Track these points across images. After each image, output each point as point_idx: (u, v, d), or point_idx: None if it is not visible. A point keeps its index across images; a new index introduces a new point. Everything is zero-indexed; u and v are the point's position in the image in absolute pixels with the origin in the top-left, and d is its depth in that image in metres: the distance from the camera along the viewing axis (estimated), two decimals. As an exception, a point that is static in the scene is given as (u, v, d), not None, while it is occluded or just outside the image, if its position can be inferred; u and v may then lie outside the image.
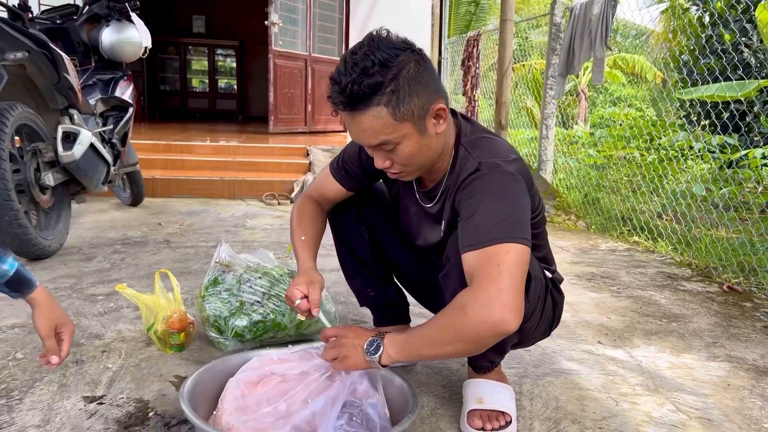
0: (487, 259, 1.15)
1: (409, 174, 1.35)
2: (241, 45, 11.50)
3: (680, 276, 2.98)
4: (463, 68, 7.02)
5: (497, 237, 1.16)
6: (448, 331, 1.15)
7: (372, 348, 1.23)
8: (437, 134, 1.29)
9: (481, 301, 1.10)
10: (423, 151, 1.28)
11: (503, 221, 1.18)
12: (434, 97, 1.25)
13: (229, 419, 1.23)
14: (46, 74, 2.80)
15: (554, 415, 1.53)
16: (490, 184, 1.24)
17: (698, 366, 1.88)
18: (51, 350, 1.31)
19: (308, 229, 1.56)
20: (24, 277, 1.30)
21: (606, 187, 5.25)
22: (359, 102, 1.19)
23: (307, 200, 1.61)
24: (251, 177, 5.11)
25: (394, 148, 1.26)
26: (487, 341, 1.15)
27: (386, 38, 1.22)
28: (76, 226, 3.52)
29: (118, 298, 2.25)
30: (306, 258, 1.52)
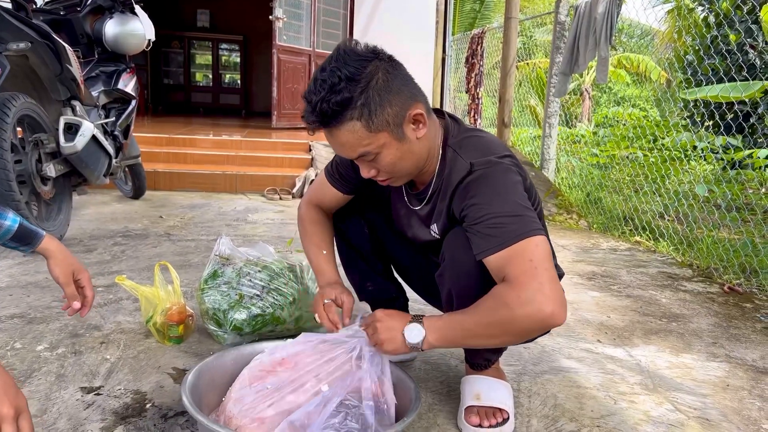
0: (517, 256, 1.15)
1: (398, 180, 1.35)
2: (245, 40, 11.50)
3: (681, 276, 2.97)
4: (466, 66, 7.01)
5: (519, 234, 1.16)
6: (494, 327, 1.15)
7: (413, 333, 1.22)
8: (418, 139, 1.27)
9: (525, 298, 1.11)
10: (406, 157, 1.27)
11: (517, 217, 1.18)
12: (409, 102, 1.23)
13: (232, 408, 1.23)
14: (48, 65, 2.79)
15: (552, 412, 1.53)
16: (489, 183, 1.24)
17: (697, 366, 1.88)
18: (72, 296, 1.36)
19: (325, 240, 1.57)
20: (29, 229, 1.32)
21: (608, 186, 5.24)
22: (331, 119, 1.19)
23: (312, 208, 1.61)
24: (253, 171, 5.11)
25: (376, 158, 1.25)
26: (536, 334, 1.22)
27: (352, 50, 1.20)
28: (78, 217, 3.53)
29: (117, 289, 2.25)
30: (332, 273, 1.52)
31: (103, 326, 1.93)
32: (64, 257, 1.35)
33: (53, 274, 1.33)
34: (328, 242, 1.58)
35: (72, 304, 1.37)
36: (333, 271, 1.53)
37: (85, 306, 1.39)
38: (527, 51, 9.07)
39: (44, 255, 1.35)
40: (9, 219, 1.29)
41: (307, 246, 1.58)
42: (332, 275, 1.52)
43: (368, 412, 1.23)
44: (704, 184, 4.43)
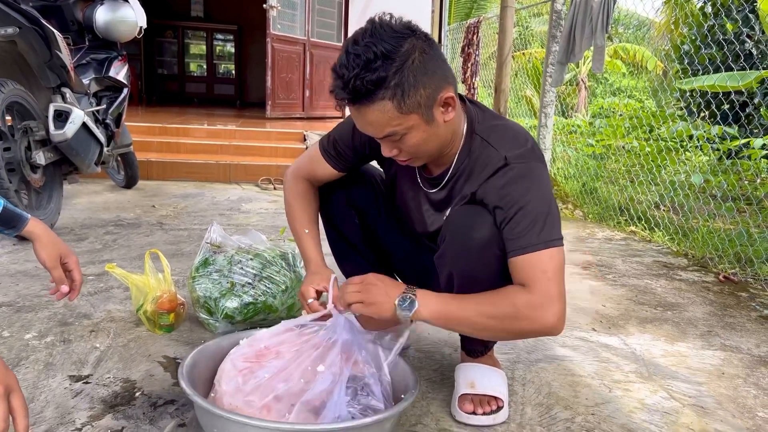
0: (534, 266, 1.18)
1: (418, 161, 1.33)
2: (239, 29, 11.42)
3: (676, 265, 2.96)
4: (462, 56, 6.97)
5: (541, 242, 1.19)
6: (494, 321, 1.19)
7: (406, 303, 1.20)
8: (446, 122, 1.24)
9: (536, 304, 1.16)
10: (431, 139, 1.25)
11: (545, 224, 1.20)
12: (442, 85, 1.20)
13: (231, 401, 1.20)
14: (37, 51, 2.75)
15: (546, 400, 1.51)
16: (524, 183, 1.23)
17: (692, 354, 1.87)
18: (59, 280, 1.33)
19: (309, 218, 1.53)
20: (13, 212, 1.30)
21: (604, 177, 5.23)
22: (363, 97, 1.15)
23: (300, 181, 1.56)
24: (247, 161, 5.07)
25: (402, 138, 1.22)
26: (529, 336, 1.27)
27: (389, 25, 1.16)
28: (69, 207, 3.49)
29: (108, 278, 2.23)
30: (314, 251, 1.49)
31: (93, 315, 1.91)
32: (50, 240, 1.32)
33: (39, 258, 1.31)
34: (312, 219, 1.54)
35: (60, 288, 1.34)
36: (315, 252, 1.49)
37: (74, 290, 1.37)
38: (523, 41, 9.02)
39: (30, 238, 1.32)
40: None
41: (291, 223, 1.55)
42: (315, 257, 1.49)
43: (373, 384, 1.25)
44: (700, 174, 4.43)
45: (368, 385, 1.26)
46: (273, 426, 1.11)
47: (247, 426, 1.11)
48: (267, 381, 1.23)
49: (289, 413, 1.19)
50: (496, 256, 1.25)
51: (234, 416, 1.11)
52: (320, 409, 1.20)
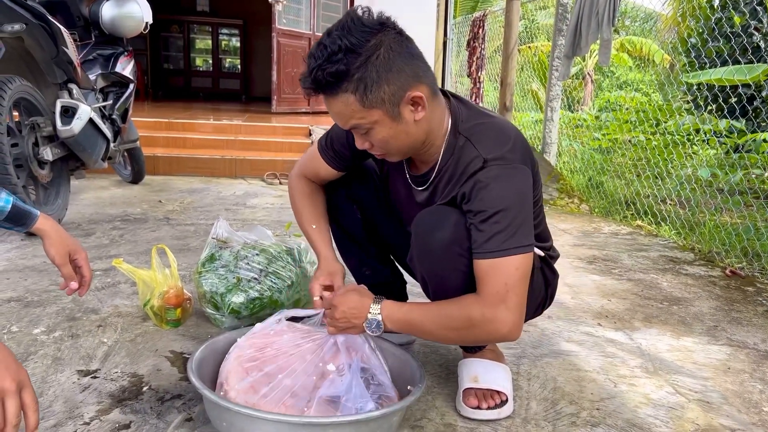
0: (497, 273, 1.19)
1: (393, 156, 1.32)
2: (245, 24, 11.42)
3: (683, 260, 2.96)
4: (468, 49, 6.95)
5: (507, 248, 1.19)
6: (452, 332, 1.24)
7: (373, 326, 1.27)
8: (416, 121, 1.23)
9: (489, 316, 1.19)
10: (400, 137, 1.24)
11: (513, 229, 1.19)
12: (410, 83, 1.19)
13: (246, 399, 1.21)
14: (44, 47, 2.76)
15: (552, 395, 1.52)
16: (498, 186, 1.21)
17: (698, 349, 1.87)
18: (69, 276, 1.35)
19: (317, 215, 1.54)
20: (22, 209, 1.31)
21: (610, 171, 5.21)
22: (326, 88, 1.17)
23: (302, 180, 1.57)
24: (253, 156, 5.08)
25: (368, 132, 1.23)
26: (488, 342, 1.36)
27: (360, 19, 1.16)
28: (76, 202, 3.51)
29: (115, 273, 2.24)
30: (323, 247, 1.51)
31: (101, 310, 1.92)
32: (60, 237, 1.33)
33: (49, 255, 1.32)
34: (319, 214, 1.55)
35: (69, 285, 1.35)
36: (325, 247, 1.51)
37: (83, 286, 1.38)
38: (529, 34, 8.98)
39: (39, 235, 1.33)
40: (1, 200, 1.27)
41: (299, 221, 1.56)
42: (325, 251, 1.50)
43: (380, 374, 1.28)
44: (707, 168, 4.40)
45: (376, 375, 1.28)
46: (286, 419, 1.12)
47: (263, 420, 1.11)
48: (279, 379, 1.24)
49: (308, 408, 1.20)
50: (461, 256, 1.25)
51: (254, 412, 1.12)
52: (338, 402, 1.21)
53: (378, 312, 1.26)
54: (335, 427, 1.13)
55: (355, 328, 1.28)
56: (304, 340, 1.31)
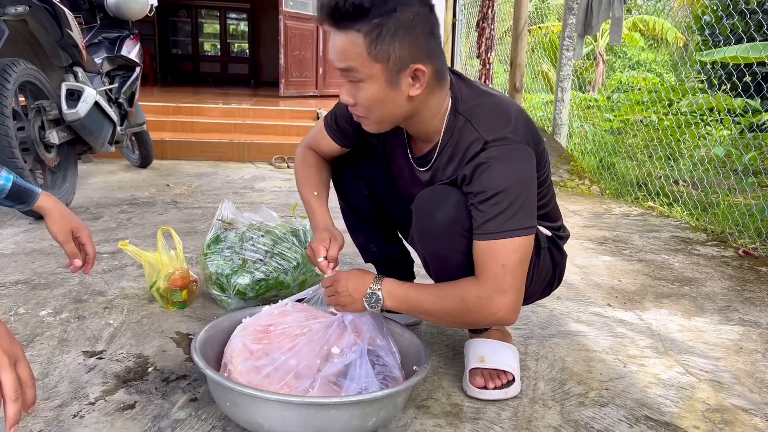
0: (494, 255, 1.17)
1: (370, 123, 1.27)
2: (252, 7, 11.36)
3: (695, 240, 2.91)
4: (477, 30, 6.86)
5: (506, 230, 1.17)
6: (448, 315, 1.23)
7: (372, 300, 1.26)
8: (409, 96, 1.19)
9: (485, 298, 1.17)
10: (387, 104, 1.20)
11: (513, 211, 1.17)
12: (420, 56, 1.16)
13: (249, 379, 1.20)
14: (48, 30, 2.75)
15: (560, 375, 1.50)
16: (499, 167, 1.18)
17: (710, 329, 1.84)
18: (72, 254, 1.35)
19: (319, 183, 1.52)
20: (23, 187, 1.30)
21: (622, 152, 5.15)
22: (340, 19, 1.13)
23: (309, 151, 1.56)
24: (261, 140, 5.07)
25: (359, 84, 1.18)
26: (484, 327, 1.32)
27: None
28: (85, 186, 3.52)
29: (122, 256, 2.24)
30: (323, 214, 1.48)
31: (107, 292, 1.92)
32: (62, 215, 1.32)
33: (51, 232, 1.31)
34: (322, 183, 1.53)
35: (73, 262, 1.35)
36: (323, 214, 1.48)
37: (87, 263, 1.38)
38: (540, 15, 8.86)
39: (41, 213, 1.32)
40: (2, 178, 1.26)
41: (301, 188, 1.53)
42: (322, 219, 1.47)
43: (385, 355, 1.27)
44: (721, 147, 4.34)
45: (381, 356, 1.27)
46: (290, 400, 1.11)
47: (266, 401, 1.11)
48: (283, 360, 1.23)
49: (311, 388, 1.19)
50: (461, 236, 1.23)
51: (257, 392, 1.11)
52: (342, 383, 1.20)
53: (378, 288, 1.25)
54: (339, 408, 1.12)
55: (355, 303, 1.27)
56: (309, 321, 1.30)
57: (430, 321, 1.37)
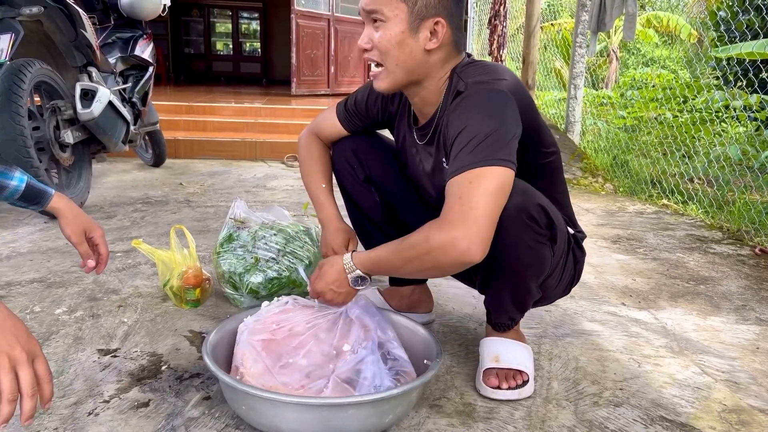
0: (453, 189, 1.13)
1: (382, 75, 1.28)
2: (264, 6, 11.38)
3: (710, 239, 2.88)
4: (489, 27, 6.83)
5: (467, 164, 1.13)
6: (415, 261, 1.16)
7: (359, 282, 1.27)
8: (426, 50, 1.24)
9: (444, 234, 1.10)
10: (403, 50, 1.23)
11: (485, 145, 1.13)
12: (443, 13, 1.22)
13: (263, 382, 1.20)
14: (63, 31, 2.77)
15: (573, 375, 1.49)
16: (473, 104, 1.19)
17: (726, 329, 1.82)
18: (86, 254, 1.36)
19: (325, 175, 1.56)
20: (36, 188, 1.32)
21: (635, 149, 5.10)
22: None
23: (313, 140, 1.61)
24: (273, 138, 5.08)
25: (381, 26, 1.22)
26: (452, 269, 1.16)
27: None
28: (99, 185, 3.54)
29: (136, 254, 2.26)
30: (332, 208, 1.52)
31: (121, 290, 1.93)
32: (75, 216, 1.33)
33: (65, 233, 1.32)
34: (327, 175, 1.57)
35: (87, 263, 1.36)
36: (332, 208, 1.52)
37: (101, 263, 1.39)
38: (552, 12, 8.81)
39: (54, 214, 1.33)
40: (15, 179, 1.27)
41: (307, 179, 1.57)
42: (332, 213, 1.51)
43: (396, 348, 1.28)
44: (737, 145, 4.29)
45: (392, 350, 1.27)
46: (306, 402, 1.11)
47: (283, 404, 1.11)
48: (294, 360, 1.23)
49: (326, 388, 1.19)
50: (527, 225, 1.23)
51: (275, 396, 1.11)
52: (355, 381, 1.20)
53: (353, 267, 1.25)
54: (358, 407, 1.12)
55: (347, 294, 1.29)
56: (315, 318, 1.30)
57: (400, 276, 1.35)
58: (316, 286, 1.31)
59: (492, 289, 1.36)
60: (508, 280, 1.31)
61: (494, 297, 1.38)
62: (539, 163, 1.37)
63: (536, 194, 1.26)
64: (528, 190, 1.25)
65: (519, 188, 1.23)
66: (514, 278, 1.30)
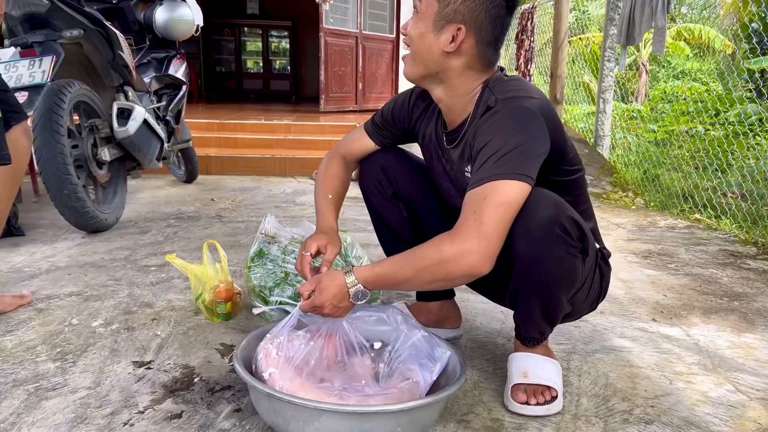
0: (469, 202, 1.17)
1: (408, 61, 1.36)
2: (293, 25, 11.55)
3: (745, 254, 2.83)
4: (516, 42, 6.84)
5: (483, 178, 1.17)
6: (426, 273, 1.18)
7: (359, 297, 1.27)
8: (444, 51, 1.29)
9: (456, 245, 1.14)
10: (424, 43, 1.29)
11: (495, 160, 1.18)
12: (470, 25, 1.26)
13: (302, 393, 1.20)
14: (101, 52, 2.87)
15: (603, 392, 1.47)
16: (501, 118, 1.24)
17: (761, 346, 1.78)
18: None
19: (335, 189, 1.58)
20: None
21: (666, 163, 5.04)
22: None
23: (335, 158, 1.63)
24: (302, 155, 5.14)
25: (417, 16, 1.30)
26: (459, 281, 1.21)
27: None
28: (133, 201, 3.63)
29: (169, 269, 2.31)
30: (331, 217, 1.53)
31: (155, 304, 1.98)
32: None
33: None
34: (338, 191, 1.58)
35: None
36: (330, 217, 1.53)
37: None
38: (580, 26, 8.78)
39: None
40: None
41: (317, 189, 1.59)
42: (328, 221, 1.52)
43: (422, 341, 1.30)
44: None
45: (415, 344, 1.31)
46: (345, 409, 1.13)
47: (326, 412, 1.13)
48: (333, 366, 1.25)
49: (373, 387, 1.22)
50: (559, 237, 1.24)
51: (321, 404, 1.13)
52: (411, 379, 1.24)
53: (355, 281, 1.25)
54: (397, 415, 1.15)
55: (346, 309, 1.29)
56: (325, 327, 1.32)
57: (407, 289, 1.33)
58: (315, 300, 1.27)
59: (522, 301, 1.36)
60: (539, 292, 1.31)
61: (524, 309, 1.38)
62: (564, 180, 1.38)
63: (568, 207, 1.27)
64: (560, 202, 1.26)
65: (551, 200, 1.24)
66: (545, 290, 1.31)
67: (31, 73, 2.50)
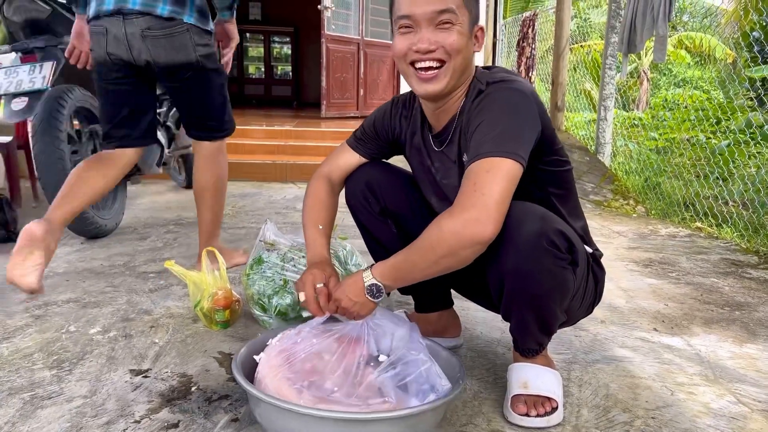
0: (474, 175, 1.18)
1: (442, 74, 1.30)
2: (295, 31, 11.58)
3: (746, 263, 2.82)
4: (518, 49, 6.85)
5: (481, 153, 1.20)
6: (430, 253, 1.19)
7: (375, 292, 1.27)
8: (473, 53, 1.34)
9: (455, 218, 1.16)
10: (465, 53, 1.31)
11: (496, 136, 1.21)
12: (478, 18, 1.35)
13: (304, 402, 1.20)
14: (102, 57, 2.86)
15: (604, 402, 1.46)
16: (494, 99, 1.28)
17: (763, 356, 1.77)
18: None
19: (324, 219, 1.53)
20: None
21: (668, 171, 5.03)
22: None
23: (320, 182, 1.58)
24: (303, 161, 5.14)
25: (450, 30, 1.27)
26: (465, 253, 1.18)
27: None
28: (133, 207, 3.63)
29: (168, 275, 2.30)
30: (323, 248, 1.49)
31: (153, 311, 1.97)
32: None
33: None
34: (327, 219, 1.54)
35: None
36: (323, 247, 1.50)
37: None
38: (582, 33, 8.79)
39: None
40: None
41: (305, 219, 1.55)
42: (322, 251, 1.48)
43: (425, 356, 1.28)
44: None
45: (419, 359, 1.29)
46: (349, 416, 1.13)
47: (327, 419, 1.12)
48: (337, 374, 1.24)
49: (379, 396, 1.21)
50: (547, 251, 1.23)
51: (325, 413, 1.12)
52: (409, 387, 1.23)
53: (371, 278, 1.26)
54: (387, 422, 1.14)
55: (363, 305, 1.29)
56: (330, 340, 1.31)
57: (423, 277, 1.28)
58: (335, 293, 1.32)
59: (516, 315, 1.35)
60: (532, 306, 1.30)
61: (519, 323, 1.37)
62: (554, 171, 1.40)
63: (555, 219, 1.27)
64: (546, 215, 1.26)
65: (538, 214, 1.24)
66: (537, 303, 1.30)
67: (31, 79, 2.50)
